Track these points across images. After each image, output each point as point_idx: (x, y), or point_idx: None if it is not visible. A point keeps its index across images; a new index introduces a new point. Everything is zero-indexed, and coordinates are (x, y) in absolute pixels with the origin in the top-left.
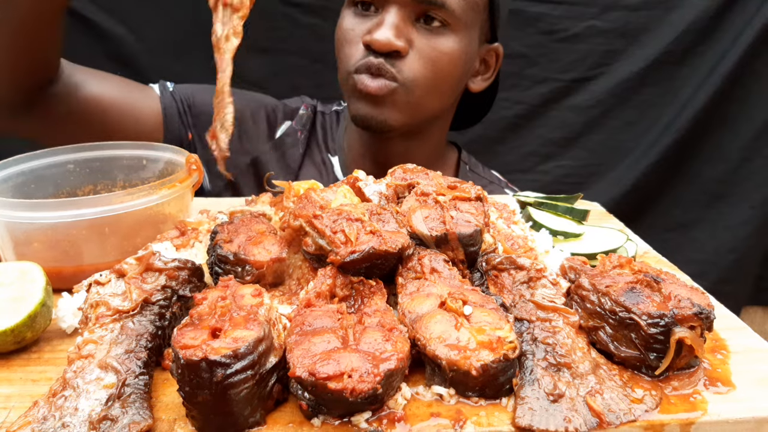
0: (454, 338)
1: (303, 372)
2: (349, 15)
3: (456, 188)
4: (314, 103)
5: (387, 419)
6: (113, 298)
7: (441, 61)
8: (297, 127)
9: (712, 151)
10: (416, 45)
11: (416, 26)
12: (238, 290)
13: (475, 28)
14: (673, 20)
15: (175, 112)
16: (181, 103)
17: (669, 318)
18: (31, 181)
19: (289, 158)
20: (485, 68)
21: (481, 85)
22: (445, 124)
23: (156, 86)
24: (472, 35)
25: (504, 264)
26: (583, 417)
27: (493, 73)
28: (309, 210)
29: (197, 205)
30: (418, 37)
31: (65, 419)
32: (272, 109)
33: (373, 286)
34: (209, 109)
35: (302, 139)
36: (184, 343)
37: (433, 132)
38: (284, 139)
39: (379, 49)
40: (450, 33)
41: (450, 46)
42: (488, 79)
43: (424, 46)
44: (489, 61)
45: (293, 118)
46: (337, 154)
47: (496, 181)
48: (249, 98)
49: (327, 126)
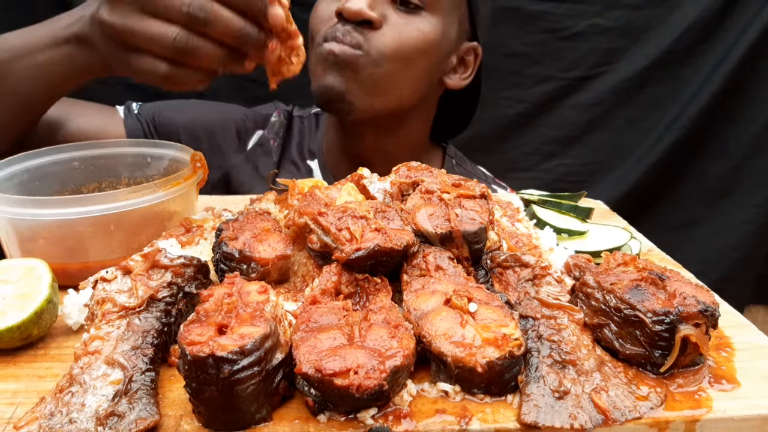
0: (460, 335)
1: (309, 368)
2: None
3: (460, 186)
4: (289, 109)
5: (393, 416)
6: (119, 294)
7: (414, 39)
8: (269, 136)
9: (715, 150)
10: (390, 21)
11: (393, 6)
12: (244, 287)
13: (453, 18)
14: (675, 19)
15: (141, 134)
16: (146, 124)
17: (674, 315)
18: (36, 178)
19: (262, 168)
20: (464, 67)
21: (458, 82)
22: (424, 123)
23: (121, 109)
24: (449, 23)
25: (509, 261)
26: (589, 414)
27: (472, 73)
28: (314, 207)
29: (202, 202)
30: (393, 14)
31: (72, 415)
32: (242, 119)
33: (378, 284)
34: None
35: (275, 147)
36: (191, 340)
37: (410, 127)
38: (256, 149)
39: (350, 17)
40: (427, 15)
41: (425, 27)
42: (466, 79)
43: (398, 23)
44: (467, 59)
45: (265, 126)
46: (317, 158)
47: (482, 177)
48: (217, 111)
49: (305, 130)
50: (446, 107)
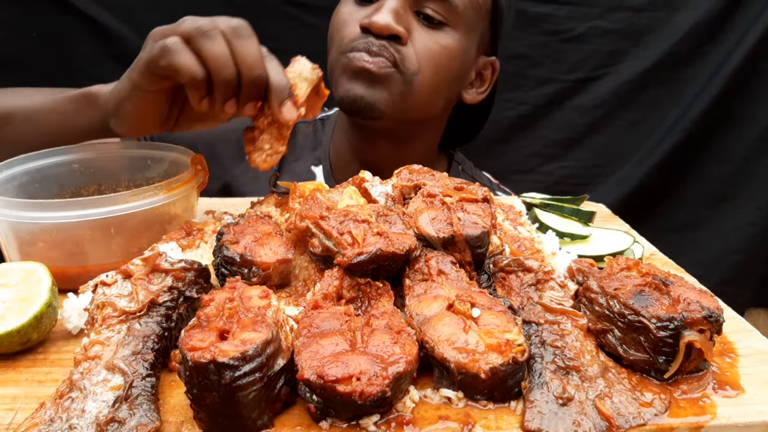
0: (463, 341)
1: (311, 374)
2: (348, 3)
3: (463, 189)
4: None
5: (395, 422)
6: (119, 299)
7: (440, 56)
8: None
9: (716, 152)
10: (415, 36)
11: (417, 19)
12: (245, 292)
13: (475, 33)
14: (677, 21)
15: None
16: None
17: (678, 321)
18: (36, 180)
19: (262, 177)
20: (481, 81)
21: (475, 97)
22: (436, 133)
23: None
24: (472, 39)
25: (512, 266)
26: (593, 421)
27: (488, 87)
28: (315, 211)
29: (203, 205)
30: (418, 28)
31: (72, 421)
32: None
33: (380, 288)
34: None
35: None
36: (192, 345)
37: (423, 138)
38: None
39: (378, 32)
40: (450, 30)
41: (450, 42)
42: (483, 93)
43: (423, 38)
44: (485, 74)
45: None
46: (322, 164)
47: (487, 183)
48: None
49: (310, 136)
50: (458, 117)
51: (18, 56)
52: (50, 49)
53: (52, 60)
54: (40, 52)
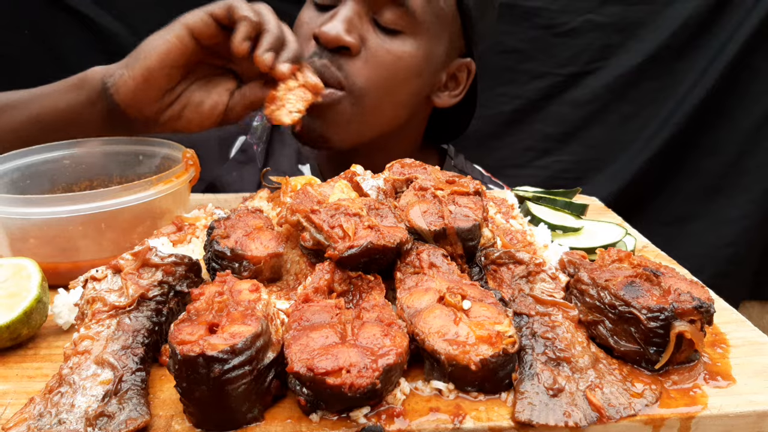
0: (453, 333)
1: (301, 367)
2: (309, 8)
3: (454, 183)
4: None
5: (386, 414)
6: (109, 293)
7: (394, 66)
8: (252, 141)
9: (710, 145)
10: (369, 45)
11: (373, 26)
12: (235, 285)
13: (440, 38)
14: (670, 14)
15: None
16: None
17: (669, 312)
18: (27, 176)
19: (246, 177)
20: (455, 84)
21: (447, 101)
22: (413, 137)
23: None
24: (436, 45)
25: (503, 258)
26: (583, 411)
27: (463, 90)
28: (306, 205)
29: (194, 200)
30: (373, 36)
31: (62, 416)
32: (221, 134)
33: (372, 281)
34: None
35: (260, 153)
36: (182, 339)
37: (399, 143)
38: (238, 157)
39: (326, 44)
40: (408, 37)
41: (406, 50)
42: (457, 96)
43: (377, 47)
44: (459, 76)
45: (247, 131)
46: (309, 162)
47: (479, 177)
48: None
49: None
50: (443, 114)
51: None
52: (41, 46)
53: (42, 57)
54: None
